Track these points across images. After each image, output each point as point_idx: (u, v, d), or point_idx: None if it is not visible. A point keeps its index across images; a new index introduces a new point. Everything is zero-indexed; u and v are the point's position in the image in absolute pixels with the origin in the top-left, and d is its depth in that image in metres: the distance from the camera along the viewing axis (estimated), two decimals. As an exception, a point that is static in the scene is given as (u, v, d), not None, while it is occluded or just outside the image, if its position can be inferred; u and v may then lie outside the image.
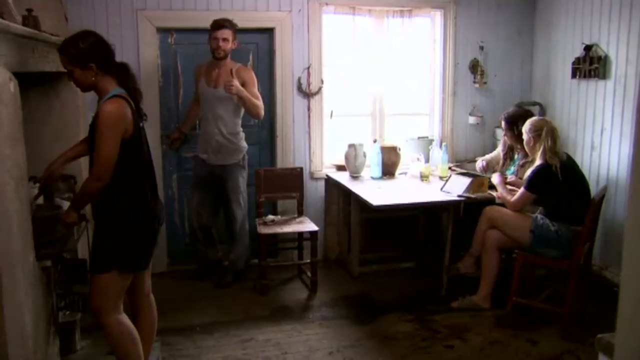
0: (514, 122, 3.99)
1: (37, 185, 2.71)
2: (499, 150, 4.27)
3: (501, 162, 4.22)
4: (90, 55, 2.38)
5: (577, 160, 3.93)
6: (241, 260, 4.25)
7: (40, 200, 2.69)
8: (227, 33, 3.88)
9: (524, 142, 3.64)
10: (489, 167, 4.30)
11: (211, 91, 3.97)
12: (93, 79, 2.40)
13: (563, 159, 3.48)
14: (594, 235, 3.62)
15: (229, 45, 3.91)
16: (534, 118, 3.75)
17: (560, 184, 3.42)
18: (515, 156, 4.13)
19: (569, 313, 3.41)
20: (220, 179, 4.10)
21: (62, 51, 2.39)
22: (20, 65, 2.37)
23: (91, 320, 2.64)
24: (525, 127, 3.60)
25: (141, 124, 2.53)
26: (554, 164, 3.43)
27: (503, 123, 4.09)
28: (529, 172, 3.59)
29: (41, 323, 2.42)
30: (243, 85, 3.90)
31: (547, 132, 3.47)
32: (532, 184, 3.50)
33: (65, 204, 2.69)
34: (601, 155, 4.23)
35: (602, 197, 3.58)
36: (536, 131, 3.52)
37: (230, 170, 4.07)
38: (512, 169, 4.10)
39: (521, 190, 3.58)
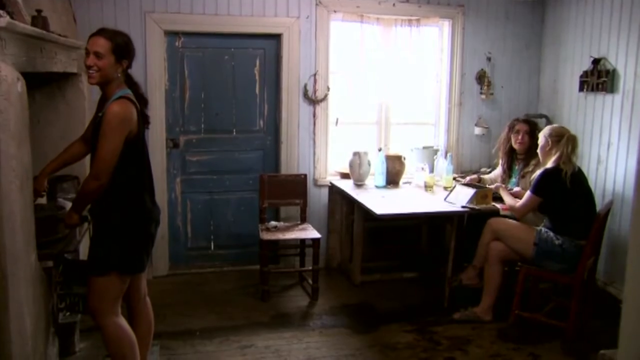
0: (535, 125, 4.06)
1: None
2: (499, 170, 4.25)
3: (501, 177, 4.18)
4: (128, 53, 2.44)
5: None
6: None
7: (44, 200, 2.69)
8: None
9: (539, 146, 3.61)
10: (483, 182, 4.28)
11: None
12: (118, 74, 2.41)
13: (575, 169, 3.45)
14: (598, 250, 3.59)
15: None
16: (556, 125, 3.78)
17: (567, 191, 3.39)
18: (515, 167, 4.12)
19: (571, 328, 3.38)
20: None
21: (108, 37, 2.37)
22: (28, 65, 2.38)
23: (91, 322, 2.63)
24: (546, 132, 3.58)
25: (145, 127, 2.53)
26: (566, 170, 3.39)
27: (521, 125, 4.05)
28: (534, 176, 3.57)
29: (41, 323, 2.41)
30: None
31: (568, 139, 3.45)
32: (539, 187, 3.46)
33: (69, 205, 2.69)
34: (607, 169, 4.21)
35: (607, 211, 3.55)
36: (557, 136, 3.49)
37: None
38: (514, 180, 4.09)
39: (527, 194, 3.55)
